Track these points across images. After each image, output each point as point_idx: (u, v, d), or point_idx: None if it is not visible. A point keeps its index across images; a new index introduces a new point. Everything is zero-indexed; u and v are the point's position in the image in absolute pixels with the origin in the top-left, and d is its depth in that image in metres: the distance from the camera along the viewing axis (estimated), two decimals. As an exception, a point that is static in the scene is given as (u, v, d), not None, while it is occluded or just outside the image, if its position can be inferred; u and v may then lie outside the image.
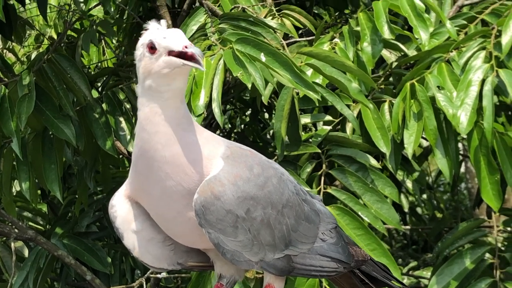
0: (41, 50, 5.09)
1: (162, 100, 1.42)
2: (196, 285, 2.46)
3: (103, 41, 4.72)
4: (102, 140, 3.04)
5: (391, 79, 3.03)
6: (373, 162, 2.67)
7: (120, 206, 1.56)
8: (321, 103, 2.63)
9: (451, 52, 2.76)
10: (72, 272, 3.43)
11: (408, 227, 4.74)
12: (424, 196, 5.75)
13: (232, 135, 4.92)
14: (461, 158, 4.43)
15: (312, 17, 3.20)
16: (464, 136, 2.65)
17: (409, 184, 2.99)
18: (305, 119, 2.83)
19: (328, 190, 2.63)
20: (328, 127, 2.79)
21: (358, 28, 2.85)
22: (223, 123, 5.12)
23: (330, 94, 2.57)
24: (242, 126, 5.12)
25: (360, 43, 2.82)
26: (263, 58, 2.40)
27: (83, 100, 3.04)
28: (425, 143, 3.69)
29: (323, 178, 2.67)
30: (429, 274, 3.80)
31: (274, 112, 3.99)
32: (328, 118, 2.84)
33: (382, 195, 2.60)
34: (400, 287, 1.77)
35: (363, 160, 2.66)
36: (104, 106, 3.16)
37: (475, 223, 2.93)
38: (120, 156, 3.56)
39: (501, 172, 2.62)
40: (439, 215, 5.41)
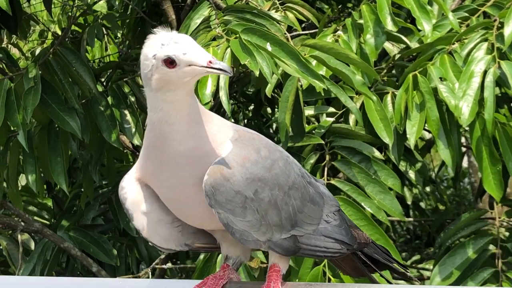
0: (45, 45, 5.11)
1: (177, 104, 1.44)
2: (201, 273, 2.49)
3: (106, 36, 4.75)
4: (107, 133, 3.06)
5: (393, 71, 3.05)
6: (376, 153, 2.70)
7: (130, 188, 1.59)
8: (324, 94, 2.65)
9: (453, 44, 2.77)
10: (78, 264, 3.46)
11: (411, 219, 4.76)
12: (427, 189, 5.78)
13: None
14: (463, 150, 4.46)
15: (315, 10, 3.22)
16: (466, 128, 2.67)
17: (411, 174, 3.01)
18: (308, 111, 2.86)
19: (332, 181, 2.65)
20: (332, 119, 2.81)
21: (361, 21, 2.86)
22: (227, 118, 5.15)
23: (334, 86, 2.59)
24: (245, 120, 5.13)
25: (363, 35, 2.83)
26: (269, 47, 2.43)
27: (88, 93, 3.07)
28: (427, 136, 3.71)
29: (326, 169, 2.69)
30: (431, 267, 3.82)
31: (276, 106, 4.01)
32: (332, 110, 2.86)
33: (385, 186, 2.62)
34: (401, 269, 1.80)
35: (366, 152, 2.69)
36: (109, 99, 3.19)
37: (477, 213, 2.95)
38: (125, 151, 3.60)
39: (503, 163, 2.63)
40: (441, 207, 5.43)
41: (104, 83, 3.75)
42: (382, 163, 2.69)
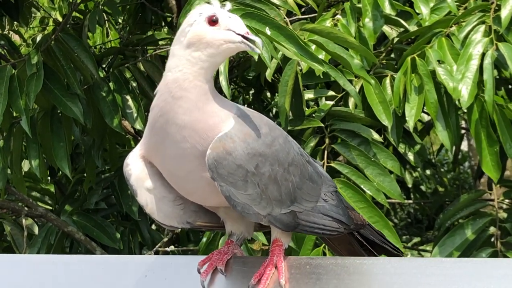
0: (46, 32, 5.13)
1: (198, 69, 1.50)
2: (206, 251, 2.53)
3: (107, 22, 4.77)
4: (109, 118, 3.09)
5: (392, 55, 3.07)
6: (375, 136, 2.73)
7: (134, 165, 1.62)
8: (323, 78, 2.68)
9: (451, 27, 2.80)
10: (82, 248, 3.50)
11: (410, 201, 4.79)
12: (428, 172, 5.81)
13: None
14: (463, 132, 4.49)
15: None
16: (464, 110, 2.70)
17: (411, 156, 3.04)
18: (308, 95, 2.89)
19: (332, 164, 2.68)
20: (331, 102, 2.84)
21: (360, 5, 2.88)
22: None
23: (333, 69, 2.62)
24: (245, 105, 5.16)
25: (361, 19, 2.86)
26: (268, 32, 2.46)
27: (90, 79, 3.10)
28: (426, 118, 3.74)
29: (326, 152, 2.72)
30: (431, 248, 3.86)
31: (276, 91, 4.03)
32: (331, 93, 2.89)
33: (384, 168, 2.65)
34: (396, 252, 1.83)
35: (365, 134, 2.72)
36: (111, 85, 3.21)
37: (476, 194, 2.99)
38: (127, 136, 3.62)
39: (500, 145, 2.66)
40: (441, 189, 5.46)
41: (106, 68, 3.78)
42: (381, 145, 2.72)
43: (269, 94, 4.77)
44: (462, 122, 3.82)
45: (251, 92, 4.93)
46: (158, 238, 3.58)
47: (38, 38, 4.99)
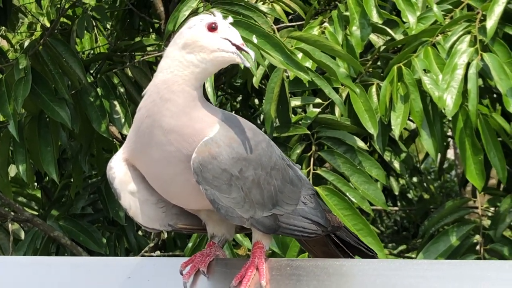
0: (34, 37, 5.13)
1: (188, 73, 1.52)
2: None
3: (95, 28, 4.77)
4: (97, 123, 3.10)
5: (379, 63, 3.09)
6: (360, 144, 2.75)
7: (118, 168, 1.64)
8: (310, 86, 2.70)
9: (437, 36, 2.82)
10: (68, 252, 3.50)
11: (396, 208, 4.82)
12: (414, 179, 5.84)
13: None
14: (449, 140, 4.51)
15: (302, 2, 3.27)
16: (449, 118, 2.72)
17: (396, 164, 3.06)
18: (295, 102, 2.91)
19: (317, 171, 2.70)
20: (318, 110, 2.86)
21: (347, 13, 2.91)
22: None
23: (319, 78, 2.64)
24: (233, 112, 5.17)
25: (349, 27, 2.88)
26: (255, 40, 2.47)
27: (78, 84, 3.11)
28: (412, 126, 3.77)
29: (312, 159, 2.74)
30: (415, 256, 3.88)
31: (264, 97, 4.05)
32: (318, 100, 2.91)
33: (369, 176, 2.67)
34: (370, 253, 1.86)
35: (351, 142, 2.74)
36: (98, 90, 3.22)
37: (460, 201, 3.02)
38: (114, 141, 3.63)
39: (485, 154, 2.69)
40: (426, 196, 5.49)
41: (94, 74, 3.78)
42: (366, 153, 2.74)
43: (257, 101, 4.78)
44: (449, 131, 3.85)
45: (239, 98, 4.95)
46: (144, 243, 3.58)
47: (26, 44, 4.99)
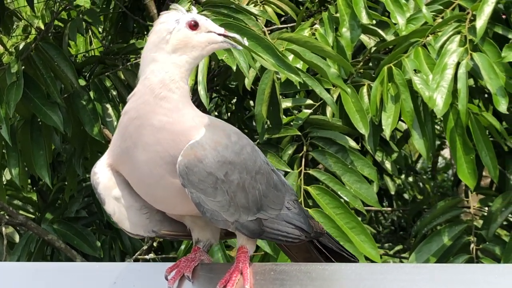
0: (28, 40, 5.13)
1: (184, 70, 1.57)
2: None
3: (90, 31, 4.78)
4: (89, 127, 3.11)
5: (370, 64, 3.10)
6: (352, 143, 2.76)
7: (102, 174, 1.64)
8: (301, 87, 2.71)
9: (427, 36, 2.83)
10: (62, 256, 3.51)
11: (388, 208, 4.83)
12: (410, 179, 5.84)
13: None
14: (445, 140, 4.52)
15: (293, 4, 3.27)
16: (441, 118, 2.73)
17: (388, 165, 3.07)
18: (286, 103, 2.91)
19: (309, 171, 2.71)
20: (309, 111, 2.87)
21: (338, 15, 2.92)
22: (210, 111, 5.19)
23: (310, 78, 2.65)
24: (229, 114, 5.18)
25: (339, 28, 2.89)
26: (246, 42, 2.47)
27: (70, 88, 3.11)
28: (404, 126, 3.77)
29: (303, 159, 2.74)
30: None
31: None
32: (309, 102, 2.91)
33: (361, 175, 2.68)
34: (353, 259, 1.87)
35: (342, 142, 2.74)
36: (91, 93, 3.23)
37: (453, 201, 3.02)
38: (107, 144, 3.63)
39: (476, 153, 2.70)
40: (420, 197, 5.50)
41: (87, 77, 3.79)
42: (358, 153, 2.75)
43: (252, 103, 4.78)
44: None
45: (234, 100, 4.95)
46: (139, 246, 3.59)
47: (21, 47, 4.99)
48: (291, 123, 2.84)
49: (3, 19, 3.63)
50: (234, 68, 2.42)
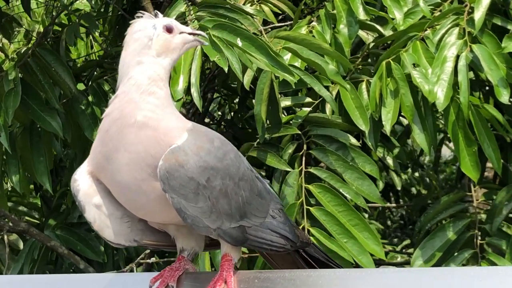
0: (30, 45, 5.13)
1: (166, 71, 1.61)
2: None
3: (91, 34, 4.77)
4: (89, 131, 3.10)
5: (370, 60, 3.08)
6: (352, 140, 2.74)
7: (82, 181, 1.62)
8: (299, 85, 2.69)
9: (425, 30, 2.81)
10: (66, 262, 3.50)
11: (393, 205, 4.80)
12: (416, 174, 5.82)
13: (222, 123, 4.97)
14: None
15: (290, 2, 3.25)
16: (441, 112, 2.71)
17: (389, 161, 3.05)
18: (285, 102, 2.89)
19: (310, 170, 2.69)
20: (308, 109, 2.85)
21: (335, 11, 2.90)
22: (213, 111, 5.18)
23: (308, 76, 2.63)
24: (232, 113, 5.16)
25: (336, 25, 2.87)
26: (239, 43, 2.47)
27: (69, 93, 3.10)
28: (405, 122, 3.75)
29: (304, 158, 2.72)
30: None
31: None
32: (308, 100, 2.89)
33: (362, 172, 2.66)
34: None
35: (343, 139, 2.72)
36: (90, 97, 3.22)
37: (456, 196, 3.00)
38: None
39: (479, 145, 2.67)
40: (424, 191, 5.47)
41: (85, 81, 3.78)
42: (359, 150, 2.72)
43: (254, 101, 4.75)
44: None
45: (236, 100, 4.93)
46: (142, 249, 3.57)
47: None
48: (291, 122, 2.82)
49: (1, 24, 3.62)
50: (226, 69, 2.40)
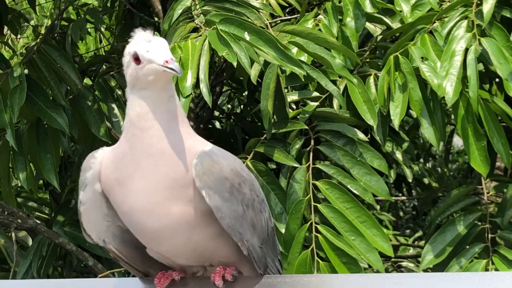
0: (38, 41, 5.13)
1: (152, 98, 1.48)
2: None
3: (98, 29, 4.76)
4: (95, 127, 3.09)
5: (378, 53, 3.05)
6: (360, 135, 2.71)
7: (98, 163, 1.56)
8: (306, 80, 2.66)
9: (434, 23, 2.77)
10: (74, 258, 3.49)
11: (404, 198, 4.77)
12: (428, 165, 5.79)
13: (232, 116, 4.96)
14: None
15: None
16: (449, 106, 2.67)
17: (398, 155, 3.02)
18: (292, 97, 2.87)
19: (317, 165, 2.66)
20: (316, 103, 2.82)
21: (342, 4, 2.87)
22: (222, 104, 5.16)
23: (314, 70, 2.60)
24: (242, 106, 5.15)
25: (343, 18, 2.84)
26: (247, 37, 2.45)
27: (75, 89, 3.09)
28: (415, 115, 3.71)
29: (311, 154, 2.69)
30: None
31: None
32: (316, 94, 2.86)
33: (370, 167, 2.63)
34: None
35: (350, 134, 2.69)
36: (96, 93, 3.20)
37: (466, 189, 2.97)
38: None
39: (488, 140, 2.64)
40: (435, 184, 5.44)
41: (92, 77, 3.77)
42: (367, 145, 2.69)
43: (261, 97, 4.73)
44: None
45: (246, 93, 4.91)
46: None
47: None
48: (298, 117, 2.79)
49: (6, 20, 3.61)
50: (235, 64, 2.38)
